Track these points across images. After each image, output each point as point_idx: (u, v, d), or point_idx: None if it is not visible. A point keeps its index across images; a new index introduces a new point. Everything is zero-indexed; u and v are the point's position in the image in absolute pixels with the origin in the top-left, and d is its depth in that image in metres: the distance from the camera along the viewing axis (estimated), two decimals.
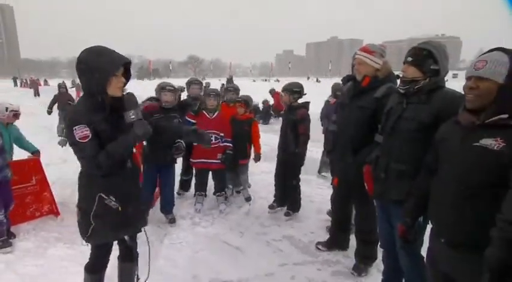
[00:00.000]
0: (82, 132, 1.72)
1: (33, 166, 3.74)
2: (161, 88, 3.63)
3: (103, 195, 1.85)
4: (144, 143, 3.56)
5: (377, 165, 2.17)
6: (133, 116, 1.79)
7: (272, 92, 13.54)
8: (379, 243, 2.49)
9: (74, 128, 1.72)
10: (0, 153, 3.06)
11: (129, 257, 2.22)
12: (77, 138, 1.72)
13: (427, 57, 1.93)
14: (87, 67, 1.74)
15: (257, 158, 4.40)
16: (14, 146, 3.78)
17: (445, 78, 2.03)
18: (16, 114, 3.73)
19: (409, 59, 1.98)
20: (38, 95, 23.56)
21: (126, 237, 2.08)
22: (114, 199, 1.86)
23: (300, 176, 3.97)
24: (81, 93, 1.92)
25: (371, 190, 2.26)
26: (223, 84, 16.19)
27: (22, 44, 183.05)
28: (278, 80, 39.85)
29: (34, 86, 26.10)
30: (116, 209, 1.87)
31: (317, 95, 14.56)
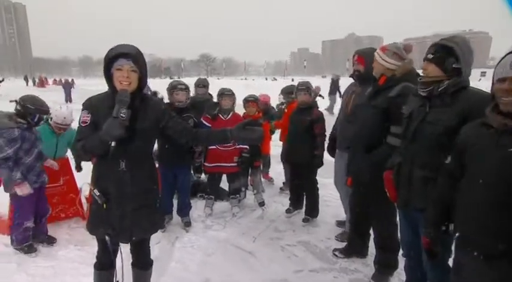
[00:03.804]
0: (84, 117, 1.89)
1: (62, 166, 3.73)
2: (172, 87, 3.66)
3: (91, 186, 1.98)
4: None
5: (399, 172, 2.13)
6: (114, 114, 1.76)
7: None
8: (401, 252, 2.45)
9: (82, 111, 1.91)
10: (38, 159, 3.11)
11: (136, 264, 2.25)
12: (80, 122, 1.90)
13: (448, 54, 1.86)
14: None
15: (263, 160, 4.50)
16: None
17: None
18: (57, 126, 3.55)
19: (430, 56, 1.93)
20: (70, 101, 18.84)
21: (107, 239, 2.02)
22: (97, 193, 1.93)
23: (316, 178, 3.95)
24: None
25: (394, 197, 2.22)
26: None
27: (34, 43, 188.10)
28: (275, 79, 40.09)
29: (67, 87, 20.57)
30: (100, 204, 1.93)
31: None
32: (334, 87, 14.52)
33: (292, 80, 37.03)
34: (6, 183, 2.97)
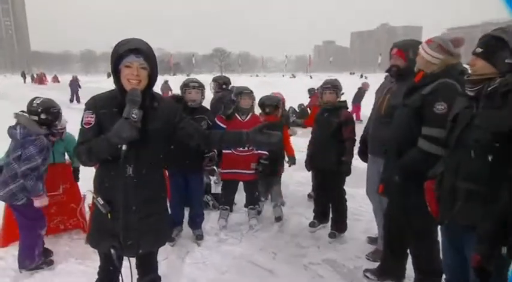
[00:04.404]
0: (87, 117, 1.93)
1: (62, 173, 3.72)
2: (185, 85, 3.73)
3: (93, 194, 2.01)
4: None
5: (441, 183, 2.09)
6: (124, 114, 1.79)
7: (312, 92, 13.06)
8: (444, 277, 2.39)
9: (85, 112, 1.95)
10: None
11: (142, 280, 2.28)
12: (83, 123, 1.94)
13: (500, 48, 1.81)
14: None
15: (292, 162, 4.46)
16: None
17: None
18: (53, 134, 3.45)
19: (478, 50, 1.88)
20: (78, 101, 18.77)
21: (113, 253, 2.04)
22: (101, 202, 1.95)
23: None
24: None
25: (435, 212, 2.18)
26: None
27: (32, 36, 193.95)
28: (294, 76, 41.85)
29: (74, 85, 20.05)
30: (104, 214, 1.95)
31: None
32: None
33: (311, 78, 36.99)
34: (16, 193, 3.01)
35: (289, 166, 4.50)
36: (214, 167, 4.22)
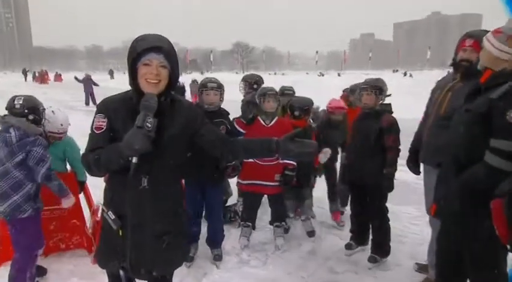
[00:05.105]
0: (98, 122, 1.97)
1: (65, 184, 3.54)
2: (202, 86, 3.76)
3: (103, 208, 2.03)
4: None
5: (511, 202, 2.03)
6: (137, 121, 1.80)
7: (352, 93, 12.64)
8: None
9: (96, 115, 1.99)
10: None
11: None
12: (93, 127, 1.98)
13: None
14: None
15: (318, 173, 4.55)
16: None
17: None
18: (51, 136, 3.59)
19: None
20: (94, 102, 18.59)
21: (122, 275, 2.08)
22: (112, 217, 1.96)
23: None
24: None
25: (504, 236, 2.11)
26: None
27: (35, 30, 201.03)
28: (322, 74, 41.55)
29: (88, 85, 19.68)
30: (115, 230, 1.97)
31: (407, 95, 14.04)
32: None
33: (339, 75, 36.52)
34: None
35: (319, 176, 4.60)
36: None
